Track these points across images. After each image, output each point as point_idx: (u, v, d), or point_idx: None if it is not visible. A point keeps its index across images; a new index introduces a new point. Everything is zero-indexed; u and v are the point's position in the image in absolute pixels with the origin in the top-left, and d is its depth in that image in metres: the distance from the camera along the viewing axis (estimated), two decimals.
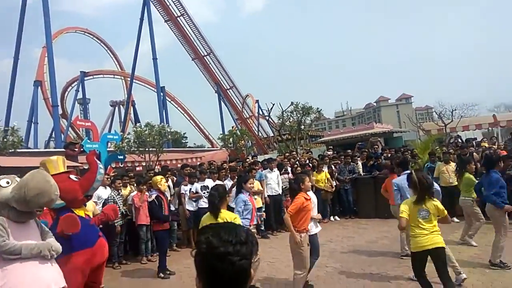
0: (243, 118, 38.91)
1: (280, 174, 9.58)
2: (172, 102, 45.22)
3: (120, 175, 8.30)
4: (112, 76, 44.12)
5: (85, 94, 41.56)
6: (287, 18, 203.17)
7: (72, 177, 4.03)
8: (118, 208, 5.81)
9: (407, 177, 4.35)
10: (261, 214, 8.02)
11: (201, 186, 8.37)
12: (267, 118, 23.80)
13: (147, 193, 7.16)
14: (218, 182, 8.57)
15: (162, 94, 33.61)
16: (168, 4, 32.79)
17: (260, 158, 13.76)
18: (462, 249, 6.39)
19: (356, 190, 10.28)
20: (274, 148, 27.66)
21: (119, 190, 7.56)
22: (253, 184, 5.44)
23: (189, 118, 47.47)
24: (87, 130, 25.45)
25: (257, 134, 37.70)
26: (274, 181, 9.34)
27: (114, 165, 15.76)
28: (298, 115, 17.38)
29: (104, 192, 7.36)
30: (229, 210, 4.77)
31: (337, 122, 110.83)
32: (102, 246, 4.07)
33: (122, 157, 15.54)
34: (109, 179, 7.84)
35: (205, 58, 36.16)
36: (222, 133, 25.62)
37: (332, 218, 10.02)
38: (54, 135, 28.66)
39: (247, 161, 11.14)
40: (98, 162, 4.15)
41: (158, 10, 32.99)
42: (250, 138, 27.37)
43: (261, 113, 39.82)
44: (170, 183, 8.54)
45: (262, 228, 8.88)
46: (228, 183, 8.51)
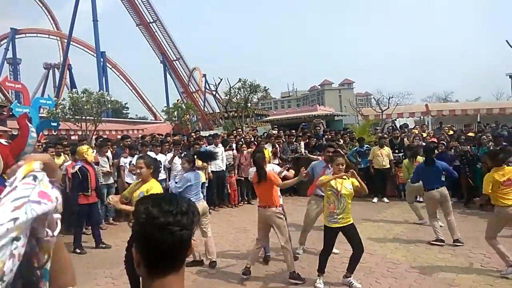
0: (189, 92, 38.09)
1: (224, 150, 9.57)
2: (113, 69, 42.85)
3: (53, 143, 7.77)
4: (47, 36, 40.62)
5: (15, 53, 38.03)
6: None
7: (1, 141, 3.70)
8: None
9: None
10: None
11: None
12: (214, 93, 23.48)
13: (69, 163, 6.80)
14: (161, 156, 8.38)
15: (102, 60, 31.71)
16: None
17: (205, 134, 13.63)
18: (390, 227, 6.91)
19: (297, 169, 10.58)
20: (220, 124, 27.53)
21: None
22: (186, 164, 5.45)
23: (131, 88, 45.45)
24: (17, 93, 23.48)
25: (203, 109, 37.21)
26: (218, 157, 9.31)
27: (46, 132, 14.75)
28: (246, 92, 17.33)
29: None
30: None
31: (282, 103, 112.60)
32: None
33: (55, 124, 14.59)
34: (40, 147, 7.31)
35: (150, 25, 34.54)
36: (166, 106, 24.93)
37: None
38: None
39: (192, 136, 10.95)
40: (30, 125, 3.85)
41: None
42: (196, 113, 26.99)
43: (208, 88, 39.21)
44: (109, 154, 8.19)
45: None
46: (169, 157, 8.40)
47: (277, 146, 10.54)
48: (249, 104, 18.31)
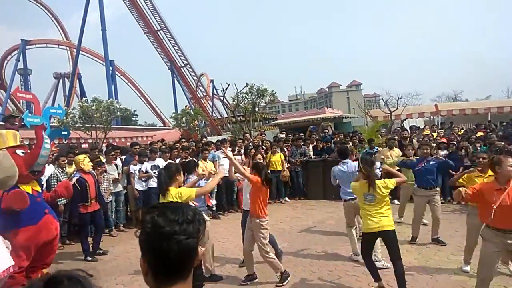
0: (197, 98, 38.28)
1: (233, 155, 9.57)
2: (122, 77, 43.30)
3: (66, 152, 7.87)
4: (56, 46, 41.19)
5: (26, 64, 38.70)
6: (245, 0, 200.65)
7: (18, 152, 3.81)
8: (70, 185, 5.43)
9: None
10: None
11: (151, 166, 8.17)
12: (222, 98, 23.58)
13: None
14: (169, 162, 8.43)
15: (111, 68, 32.11)
16: None
17: (213, 139, 13.67)
18: (402, 229, 6.83)
19: (306, 173, 10.57)
20: (228, 129, 27.59)
21: (64, 168, 7.18)
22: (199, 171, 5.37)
23: (140, 95, 45.84)
24: (28, 103, 23.83)
25: (211, 114, 37.35)
26: (226, 162, 9.31)
27: (57, 141, 14.95)
28: (253, 97, 17.36)
29: (47, 169, 6.93)
30: None
31: (290, 106, 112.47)
32: (49, 223, 3.89)
33: (66, 133, 14.78)
34: (51, 156, 7.41)
35: (158, 32, 34.84)
36: (175, 112, 25.09)
37: (282, 199, 10.25)
38: None
39: (202, 141, 11.00)
40: (44, 136, 3.95)
41: None
42: (204, 118, 27.10)
43: (215, 93, 39.36)
44: (118, 162, 8.26)
45: (214, 208, 8.90)
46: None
47: (285, 149, 10.54)
48: (256, 108, 18.33)
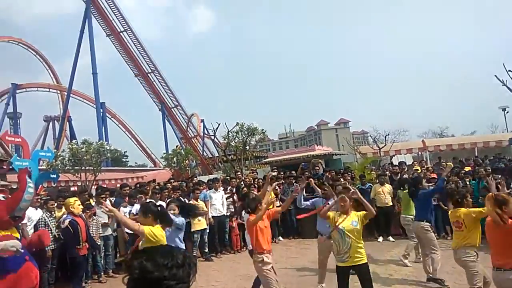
0: (188, 138, 38.35)
1: (225, 194, 9.52)
2: (112, 119, 43.52)
3: (55, 196, 7.72)
4: (47, 89, 41.60)
5: (16, 107, 38.80)
6: (232, 41, 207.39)
7: None
8: (48, 232, 5.27)
9: None
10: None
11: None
12: (212, 138, 23.70)
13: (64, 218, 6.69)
14: (160, 203, 8.29)
15: (102, 110, 32.27)
16: (110, 18, 31.94)
17: (205, 178, 13.59)
18: (398, 267, 6.73)
19: (297, 211, 10.45)
20: (219, 168, 27.50)
21: (52, 212, 7.01)
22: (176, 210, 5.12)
23: (130, 136, 45.92)
24: (17, 146, 23.58)
25: (202, 154, 37.30)
26: (218, 201, 9.24)
27: (46, 184, 14.69)
28: (243, 136, 17.50)
29: (35, 213, 6.79)
30: None
31: (280, 144, 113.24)
32: (29, 271, 3.72)
33: (55, 176, 14.55)
34: (39, 200, 7.27)
35: (149, 75, 35.43)
36: (165, 152, 25.04)
37: (275, 239, 10.07)
38: None
39: (192, 181, 10.91)
40: (28, 180, 3.86)
41: (100, 24, 31.98)
42: (195, 158, 27.05)
43: (206, 132, 39.57)
44: (108, 204, 8.10)
45: (206, 250, 8.68)
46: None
47: (277, 187, 10.49)
48: (247, 147, 18.42)
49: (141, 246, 3.70)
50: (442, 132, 45.53)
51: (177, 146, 28.49)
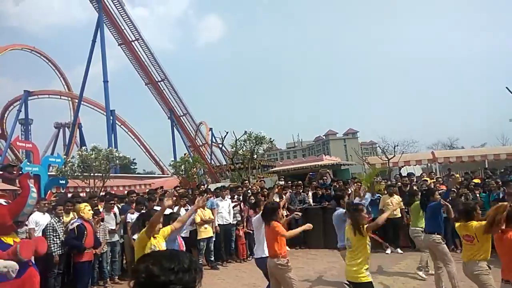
0: (196, 146, 38.51)
1: (232, 202, 9.51)
2: (122, 126, 43.96)
3: (63, 201, 7.78)
4: (58, 97, 42.18)
5: (27, 114, 39.34)
6: (241, 50, 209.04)
7: (1, 201, 3.74)
8: (43, 240, 5.17)
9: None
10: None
11: None
12: (220, 146, 23.78)
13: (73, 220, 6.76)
14: (167, 210, 8.31)
15: (112, 118, 32.59)
16: (122, 28, 32.43)
17: (212, 187, 13.60)
18: (406, 280, 6.62)
19: (305, 220, 10.38)
20: (227, 176, 27.51)
21: (60, 217, 7.06)
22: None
23: (139, 144, 46.28)
24: (28, 152, 23.90)
25: (209, 162, 37.39)
26: (225, 209, 9.23)
27: (55, 190, 14.84)
28: (251, 144, 17.50)
29: (43, 218, 6.85)
30: None
31: (288, 153, 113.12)
32: (32, 277, 3.73)
33: (64, 181, 14.70)
34: (46, 205, 7.35)
35: (159, 83, 35.79)
36: (173, 160, 25.12)
37: None
38: None
39: (200, 188, 10.93)
40: (31, 185, 3.90)
41: (112, 33, 32.49)
42: (203, 166, 27.09)
43: (214, 141, 39.73)
44: (116, 210, 8.14)
45: (212, 258, 8.65)
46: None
47: (283, 196, 10.45)
48: (255, 155, 18.41)
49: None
50: (452, 143, 45.09)
51: (185, 154, 28.60)
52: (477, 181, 10.44)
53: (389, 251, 8.94)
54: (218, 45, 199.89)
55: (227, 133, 18.62)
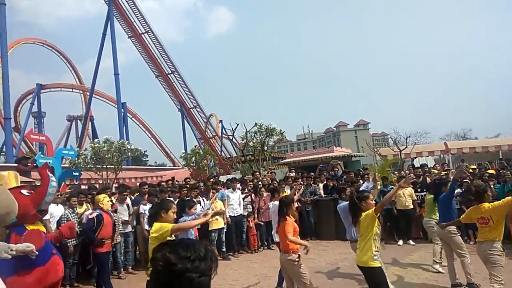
0: (206, 138, 38.67)
1: (242, 193, 9.53)
2: (133, 119, 44.30)
3: (76, 192, 7.89)
4: (70, 90, 42.64)
5: (40, 107, 39.91)
6: (251, 42, 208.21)
7: (23, 192, 3.82)
8: (75, 225, 5.40)
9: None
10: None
11: None
12: (231, 138, 23.82)
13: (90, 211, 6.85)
14: None
15: (123, 111, 32.85)
16: (132, 20, 32.51)
17: (223, 179, 13.65)
18: (418, 271, 6.58)
19: (317, 212, 10.40)
20: (237, 168, 27.62)
21: (74, 208, 7.18)
22: (196, 209, 5.33)
23: (150, 136, 46.66)
24: (41, 145, 24.29)
25: (220, 154, 37.53)
26: (236, 201, 9.27)
27: (68, 182, 15.07)
28: (262, 136, 17.50)
29: (57, 209, 6.97)
30: None
31: (298, 145, 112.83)
32: (56, 264, 3.83)
33: (77, 173, 14.91)
34: (60, 196, 7.46)
35: (169, 76, 35.90)
36: (184, 152, 25.28)
37: None
38: (5, 149, 27.04)
39: (210, 180, 10.99)
40: (50, 175, 3.97)
41: (122, 26, 32.59)
42: (213, 158, 27.22)
43: (224, 133, 39.85)
44: (129, 202, 8.24)
45: (224, 249, 8.72)
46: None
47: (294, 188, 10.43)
48: (265, 147, 18.41)
49: None
50: (465, 134, 44.47)
51: (195, 146, 28.79)
52: (491, 171, 10.26)
53: (401, 243, 8.90)
54: (227, 36, 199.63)
55: (238, 125, 18.67)
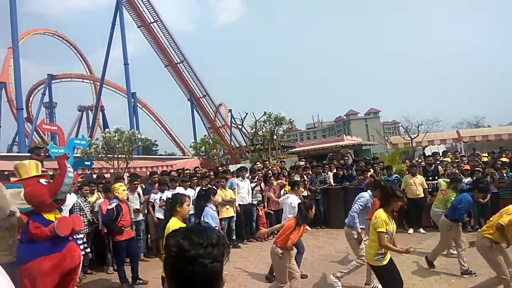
0: (216, 127, 38.73)
1: (250, 183, 9.56)
2: (143, 108, 44.56)
3: (87, 181, 8.01)
4: (81, 80, 42.99)
5: (51, 97, 40.35)
6: (261, 30, 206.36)
7: (41, 181, 3.90)
8: (80, 217, 5.41)
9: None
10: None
11: (172, 195, 8.18)
12: (240, 127, 23.82)
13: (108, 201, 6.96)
14: (190, 190, 8.46)
15: (133, 100, 33.03)
16: (141, 10, 32.43)
17: (232, 168, 13.70)
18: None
19: (327, 201, 10.39)
20: (247, 157, 27.66)
21: (86, 197, 7.29)
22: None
23: (160, 126, 46.91)
24: (53, 135, 24.60)
25: (229, 143, 37.60)
26: (245, 190, 9.30)
27: (80, 171, 15.27)
28: (271, 125, 17.42)
29: (69, 198, 7.06)
30: None
31: (308, 134, 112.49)
32: (72, 250, 3.91)
33: (89, 163, 15.08)
34: (73, 185, 7.56)
35: (178, 65, 35.87)
36: (194, 141, 25.39)
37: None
38: (18, 139, 27.51)
39: (219, 169, 11.04)
40: (67, 165, 4.03)
41: (131, 16, 32.54)
42: (223, 147, 27.28)
43: (234, 122, 39.81)
44: (140, 190, 8.33)
45: (234, 237, 8.80)
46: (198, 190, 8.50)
47: (305, 177, 10.43)
48: (275, 136, 18.36)
49: None
50: (478, 122, 43.79)
51: (205, 136, 28.83)
52: (504, 159, 10.10)
53: (411, 231, 8.87)
54: (237, 25, 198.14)
55: (247, 114, 18.60)
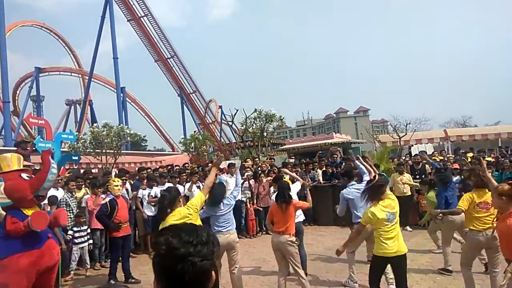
0: (206, 123, 38.61)
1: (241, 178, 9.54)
2: (132, 103, 44.09)
3: (74, 177, 7.92)
4: (69, 73, 42.34)
5: (39, 91, 39.67)
6: (253, 28, 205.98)
7: (23, 175, 3.82)
8: (65, 212, 5.38)
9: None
10: None
11: (161, 190, 8.13)
12: (230, 124, 23.76)
13: (102, 196, 6.91)
14: (179, 186, 8.41)
15: (122, 95, 32.67)
16: (131, 3, 32.05)
17: (222, 165, 13.65)
18: (415, 256, 6.65)
19: (315, 198, 10.43)
20: (236, 154, 27.64)
21: (73, 192, 7.21)
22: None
23: (149, 121, 46.52)
24: (40, 129, 24.23)
25: (219, 139, 37.52)
26: (232, 186, 9.27)
27: (68, 166, 15.09)
28: (261, 122, 17.46)
29: (56, 193, 6.99)
30: None
31: (298, 131, 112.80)
32: (51, 248, 3.85)
33: (76, 158, 14.89)
34: (61, 181, 7.48)
35: (168, 60, 35.60)
36: (183, 137, 25.26)
37: None
38: (3, 133, 27.02)
39: (208, 165, 11.02)
40: (51, 161, 3.96)
41: (121, 9, 32.14)
42: (213, 144, 27.22)
43: (224, 118, 39.71)
44: (128, 186, 8.27)
45: None
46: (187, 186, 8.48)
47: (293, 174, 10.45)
48: (265, 133, 18.39)
49: None
50: (465, 122, 44.44)
51: (195, 132, 28.73)
52: (490, 159, 10.29)
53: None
54: (228, 21, 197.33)
55: (237, 110, 18.58)
